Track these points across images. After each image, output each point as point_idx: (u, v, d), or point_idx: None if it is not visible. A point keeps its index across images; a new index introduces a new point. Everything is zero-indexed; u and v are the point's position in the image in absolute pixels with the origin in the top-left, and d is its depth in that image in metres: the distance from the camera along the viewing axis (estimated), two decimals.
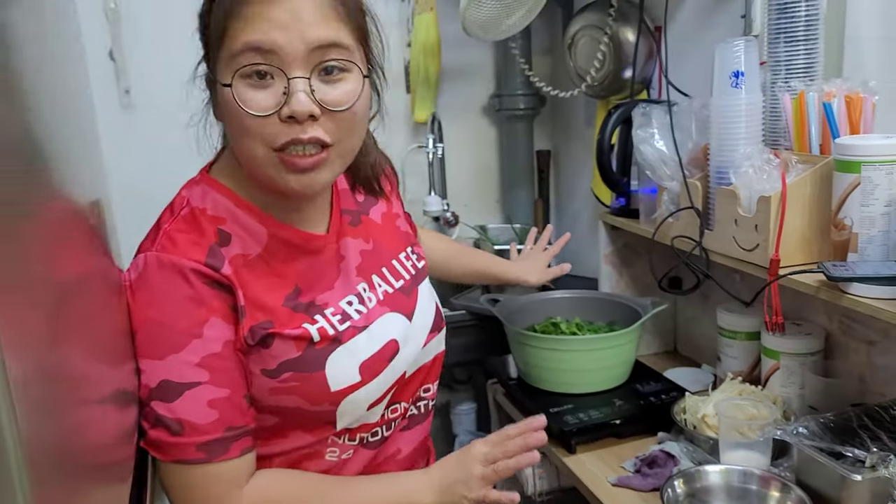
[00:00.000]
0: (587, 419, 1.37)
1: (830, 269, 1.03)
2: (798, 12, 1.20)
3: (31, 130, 0.53)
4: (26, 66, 0.53)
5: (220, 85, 0.82)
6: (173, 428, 0.81)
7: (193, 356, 0.81)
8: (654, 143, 1.38)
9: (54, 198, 0.58)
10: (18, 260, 0.44)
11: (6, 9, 0.51)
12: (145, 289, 0.82)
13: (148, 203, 2.08)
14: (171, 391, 0.81)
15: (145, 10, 1.93)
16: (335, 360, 0.88)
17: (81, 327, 0.58)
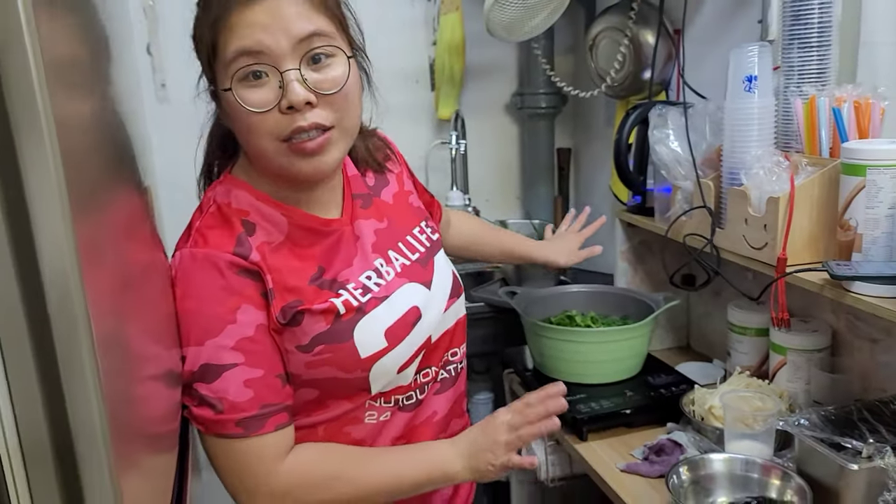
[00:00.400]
0: (599, 408, 1.42)
1: (834, 268, 1.08)
2: (812, 19, 1.23)
3: (115, 124, 0.59)
4: (110, 65, 0.60)
5: (221, 91, 0.89)
6: (216, 406, 0.88)
7: (229, 340, 0.88)
8: (670, 143, 1.43)
9: (128, 188, 0.65)
10: (103, 242, 0.50)
11: (92, 13, 0.57)
12: (182, 282, 0.90)
13: (181, 192, 2.17)
14: (212, 373, 0.88)
15: (180, 6, 2.00)
16: (361, 328, 0.95)
17: (143, 309, 0.65)
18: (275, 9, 0.86)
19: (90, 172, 0.50)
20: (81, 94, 0.53)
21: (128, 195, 0.65)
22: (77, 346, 0.43)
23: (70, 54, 0.51)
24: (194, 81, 2.19)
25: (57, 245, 0.42)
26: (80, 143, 0.50)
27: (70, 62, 0.51)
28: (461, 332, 1.13)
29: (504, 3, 1.71)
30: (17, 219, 0.42)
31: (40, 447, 0.44)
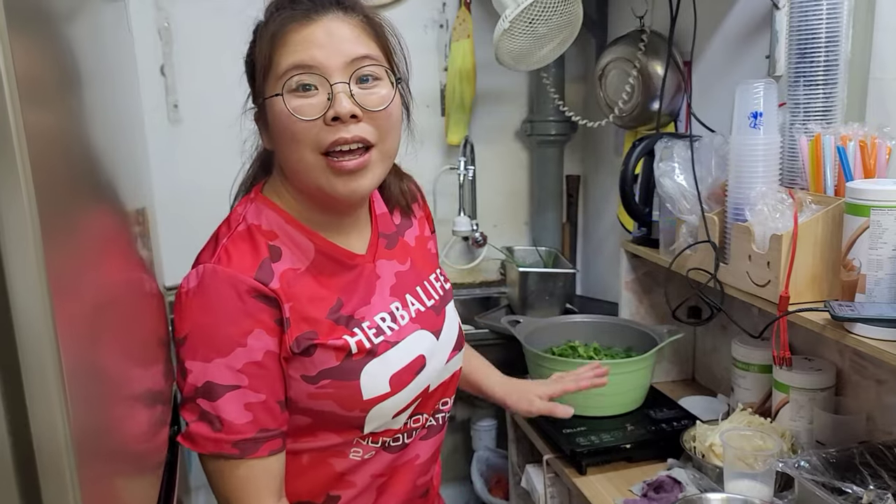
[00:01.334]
0: (599, 442, 1.41)
1: (836, 309, 1.06)
2: (818, 58, 1.23)
3: (87, 142, 0.60)
4: (85, 78, 0.60)
5: (269, 100, 0.91)
6: (215, 424, 0.89)
7: (236, 362, 0.89)
8: (675, 176, 1.43)
9: (103, 207, 0.65)
10: (73, 263, 0.50)
11: (70, 23, 0.58)
12: (201, 296, 0.90)
13: (192, 209, 2.21)
14: (214, 392, 0.88)
15: (194, 29, 2.04)
16: (369, 371, 0.96)
17: (118, 331, 0.65)
18: (331, 29, 0.90)
19: (63, 196, 0.51)
20: (54, 116, 0.54)
21: (106, 218, 0.66)
22: (44, 370, 0.43)
23: (42, 76, 0.51)
24: (207, 102, 2.22)
25: (27, 270, 0.42)
26: (52, 165, 0.50)
27: (42, 83, 0.51)
28: (454, 385, 1.13)
29: (514, 34, 1.72)
30: None
31: (2, 466, 0.44)
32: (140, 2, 1.99)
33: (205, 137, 2.10)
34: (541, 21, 1.72)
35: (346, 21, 0.92)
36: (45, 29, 0.52)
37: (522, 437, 1.70)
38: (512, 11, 1.70)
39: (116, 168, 0.71)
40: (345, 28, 0.91)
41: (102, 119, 0.66)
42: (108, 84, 0.72)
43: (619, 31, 1.98)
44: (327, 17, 0.91)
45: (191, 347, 0.89)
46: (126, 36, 0.88)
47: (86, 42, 0.62)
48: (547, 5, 1.71)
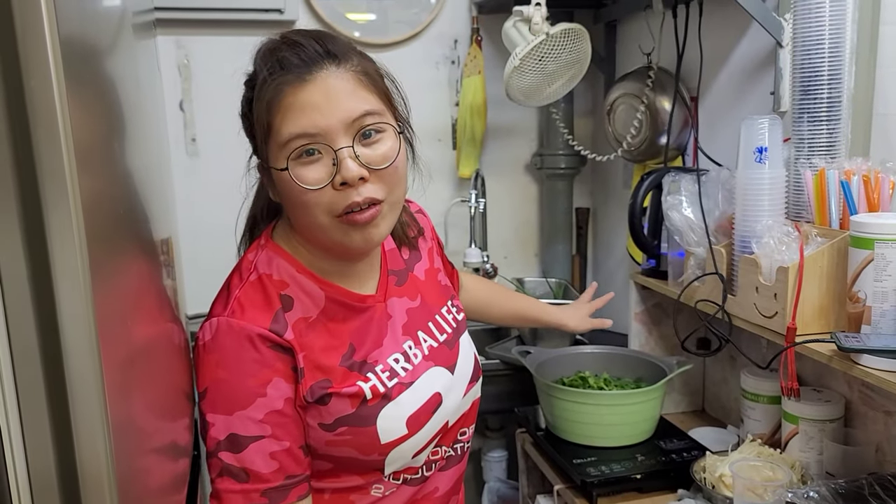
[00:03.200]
0: (609, 472, 1.42)
1: (842, 340, 1.08)
2: (821, 94, 1.26)
3: (135, 183, 0.63)
4: (128, 115, 0.64)
5: (275, 171, 0.92)
6: (240, 476, 0.89)
7: (258, 413, 0.89)
8: (683, 209, 1.45)
9: (140, 245, 0.68)
10: (115, 313, 0.54)
11: (108, 61, 0.62)
12: (217, 351, 0.90)
13: (209, 241, 2.24)
14: (239, 443, 0.88)
15: (212, 66, 2.10)
16: (385, 415, 0.96)
17: (149, 383, 0.68)
18: (327, 88, 0.89)
19: (108, 237, 0.54)
20: (105, 162, 0.57)
21: (142, 256, 0.69)
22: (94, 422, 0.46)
23: (95, 123, 0.55)
24: (223, 137, 2.27)
25: (78, 318, 0.45)
26: (102, 213, 0.54)
27: (95, 130, 0.55)
28: (473, 414, 1.13)
29: (524, 70, 1.76)
30: (42, 296, 0.45)
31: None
32: (161, 39, 2.05)
33: (221, 171, 2.14)
34: (550, 58, 1.77)
35: (340, 76, 0.90)
36: (92, 65, 0.56)
37: (533, 468, 1.71)
38: (522, 49, 1.75)
39: (150, 200, 0.74)
40: (340, 84, 0.90)
41: (139, 153, 0.70)
42: (144, 118, 0.76)
43: (626, 67, 2.03)
44: (321, 75, 0.89)
45: (211, 401, 0.90)
46: (156, 73, 0.92)
47: (125, 77, 0.66)
48: (556, 43, 1.76)
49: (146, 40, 0.94)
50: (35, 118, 0.46)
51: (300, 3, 2.11)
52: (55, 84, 0.46)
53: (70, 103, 0.47)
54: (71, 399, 0.47)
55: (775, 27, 1.45)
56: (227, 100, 2.26)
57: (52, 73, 0.46)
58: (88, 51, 0.56)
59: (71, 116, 0.47)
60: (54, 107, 0.46)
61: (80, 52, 0.53)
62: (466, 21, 2.23)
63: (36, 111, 0.46)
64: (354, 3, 2.17)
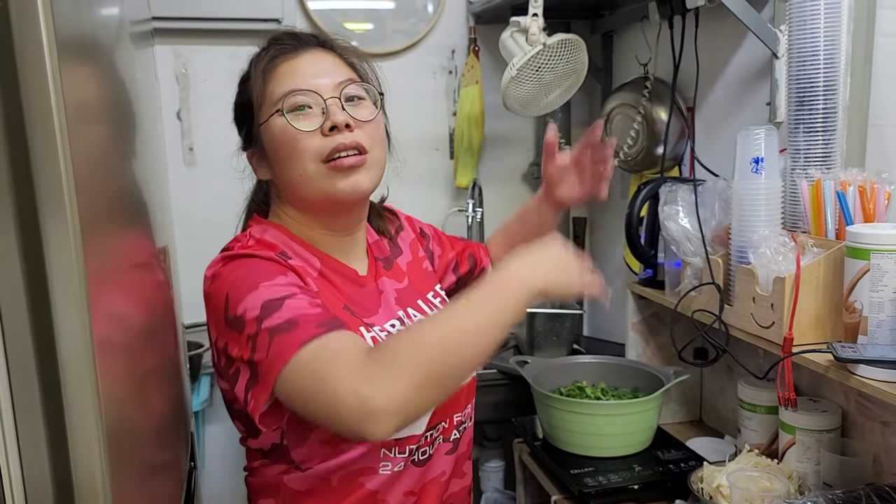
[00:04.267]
0: (606, 483, 1.42)
1: (838, 350, 1.08)
2: (816, 105, 1.27)
3: (123, 176, 0.63)
4: (125, 124, 0.64)
5: (268, 123, 0.99)
6: (288, 328, 0.84)
7: (283, 280, 0.91)
8: (679, 220, 1.46)
9: (135, 242, 0.68)
10: (112, 324, 0.54)
11: (105, 70, 0.62)
12: (230, 264, 0.94)
13: (206, 250, 2.23)
14: (274, 305, 0.87)
15: (210, 75, 2.10)
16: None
17: (145, 396, 0.68)
18: (316, 59, 1.03)
19: (106, 250, 0.54)
20: (102, 172, 0.57)
21: (137, 252, 0.69)
22: (90, 436, 0.46)
23: (93, 132, 0.55)
24: (221, 146, 2.28)
25: (75, 331, 0.45)
26: (99, 223, 0.54)
27: (93, 140, 0.55)
28: (471, 392, 1.16)
29: (521, 81, 1.77)
30: (39, 307, 0.45)
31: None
32: (159, 49, 2.06)
33: (218, 180, 2.14)
34: (547, 69, 1.78)
35: (328, 54, 1.05)
36: (90, 75, 0.57)
37: (530, 478, 1.70)
38: (519, 59, 1.75)
39: (147, 210, 0.75)
40: (327, 60, 1.04)
41: (137, 162, 0.70)
42: (141, 128, 0.76)
43: (623, 77, 2.04)
44: (311, 51, 1.03)
45: (235, 296, 0.89)
46: (153, 82, 0.93)
47: (123, 86, 0.66)
48: (553, 54, 1.77)
49: (144, 49, 0.94)
50: (32, 128, 0.46)
51: (298, 12, 2.12)
52: (53, 94, 0.46)
53: (68, 114, 0.47)
54: (67, 413, 0.47)
55: (771, 38, 1.46)
56: (224, 109, 2.26)
57: (50, 83, 0.46)
58: (86, 60, 0.56)
59: (69, 127, 0.47)
60: (52, 118, 0.46)
61: (78, 61, 0.53)
62: (464, 31, 2.24)
63: (33, 122, 0.46)
64: (352, 13, 2.18)
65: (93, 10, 0.61)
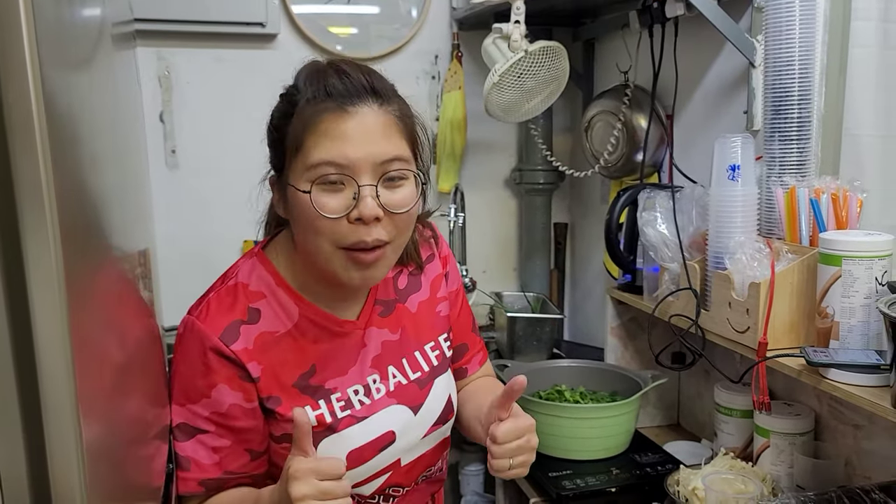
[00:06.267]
0: (584, 486, 1.43)
1: (811, 355, 1.10)
2: (791, 114, 1.29)
3: (102, 183, 0.63)
4: (106, 126, 0.64)
5: (294, 189, 0.92)
6: (183, 465, 0.95)
7: (204, 410, 0.96)
8: (657, 226, 1.48)
9: (114, 251, 0.69)
10: (92, 330, 0.54)
11: (87, 72, 0.62)
12: (180, 346, 0.98)
13: (188, 252, 2.24)
14: (186, 432, 0.96)
15: (193, 78, 2.10)
16: (326, 445, 0.99)
17: (124, 402, 0.68)
18: (365, 123, 0.90)
19: (85, 253, 0.55)
20: (81, 174, 0.58)
21: (117, 262, 0.69)
22: (68, 444, 0.47)
23: (73, 134, 0.56)
24: (203, 149, 2.28)
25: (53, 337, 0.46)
26: (78, 228, 0.54)
27: (72, 141, 0.55)
28: (439, 455, 1.13)
29: (503, 87, 1.78)
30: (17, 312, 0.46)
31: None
32: (142, 51, 2.05)
33: (201, 182, 2.15)
34: (529, 75, 1.79)
35: (379, 115, 0.92)
36: (71, 77, 0.57)
37: (509, 482, 1.71)
38: (501, 66, 1.77)
39: (127, 212, 0.75)
40: (378, 123, 0.91)
41: (117, 164, 0.70)
42: (123, 130, 0.76)
43: (604, 85, 2.06)
44: (362, 110, 0.90)
45: (172, 390, 0.97)
46: (135, 84, 0.93)
47: (104, 88, 0.66)
48: (535, 60, 1.78)
49: (126, 51, 0.94)
50: (12, 131, 0.46)
51: (282, 16, 2.12)
52: (33, 97, 0.46)
53: (48, 115, 0.47)
54: (46, 421, 0.47)
55: (748, 48, 1.48)
56: (208, 112, 2.27)
57: (31, 85, 0.46)
58: (67, 62, 0.57)
59: (49, 129, 0.47)
60: (32, 120, 0.46)
61: (59, 63, 0.53)
62: (447, 37, 2.25)
63: (13, 124, 0.46)
64: (336, 18, 2.18)
65: (74, 11, 0.62)
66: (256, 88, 2.16)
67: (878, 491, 1.16)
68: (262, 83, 2.18)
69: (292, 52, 2.17)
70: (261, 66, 2.15)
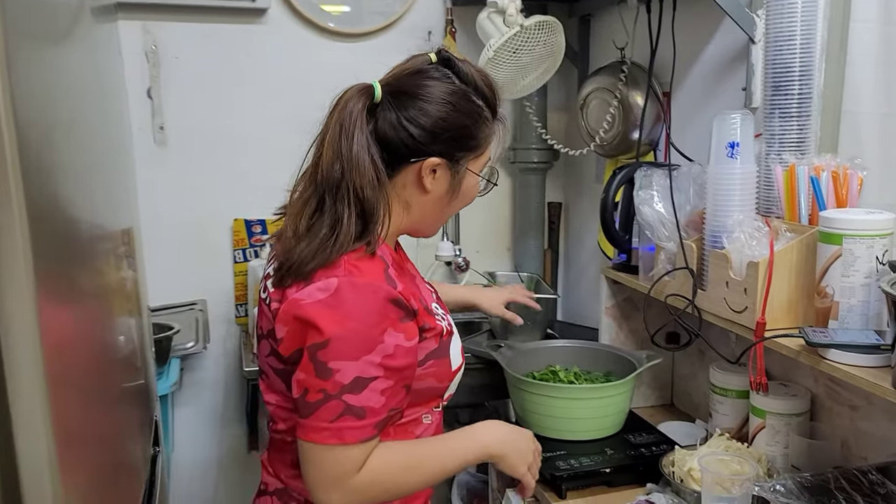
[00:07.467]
0: (579, 466, 1.42)
1: (810, 335, 1.09)
2: (792, 90, 1.27)
3: (92, 166, 0.61)
4: (83, 102, 0.62)
5: (472, 173, 1.12)
6: (360, 414, 1.00)
7: (377, 357, 1.01)
8: (654, 204, 1.46)
9: (97, 232, 0.66)
10: (73, 306, 0.51)
11: (63, 45, 0.59)
12: (343, 305, 1.00)
13: (176, 230, 2.20)
14: (362, 385, 1.00)
15: (182, 53, 2.06)
16: (453, 346, 1.15)
17: (98, 392, 0.66)
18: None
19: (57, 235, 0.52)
20: (54, 152, 0.55)
21: (93, 238, 0.67)
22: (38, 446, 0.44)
23: (46, 110, 0.53)
24: (191, 125, 2.24)
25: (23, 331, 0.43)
26: (45, 189, 0.51)
27: (45, 119, 0.52)
28: None
29: (498, 63, 1.75)
30: None
31: None
32: (128, 25, 2.01)
33: (189, 159, 2.11)
34: (524, 51, 1.76)
35: None
36: (43, 48, 0.54)
37: None
38: (496, 41, 1.73)
39: (106, 191, 0.72)
40: None
41: (96, 141, 0.67)
42: (103, 106, 0.73)
43: (600, 61, 2.03)
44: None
45: (337, 350, 0.99)
46: (117, 58, 0.90)
47: (81, 63, 0.63)
48: (530, 36, 1.75)
49: (106, 24, 0.90)
50: None
51: None
52: (4, 72, 0.44)
53: (16, 93, 0.44)
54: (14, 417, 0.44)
55: (748, 23, 1.45)
56: (197, 87, 2.23)
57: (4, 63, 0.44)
58: (38, 34, 0.53)
59: (16, 107, 0.44)
60: None
61: (29, 35, 0.50)
62: (441, 12, 2.21)
63: None
64: None
65: None
66: (247, 64, 2.12)
67: (874, 472, 1.15)
68: (252, 59, 2.15)
69: (283, 27, 2.13)
70: (251, 41, 2.11)
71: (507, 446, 1.16)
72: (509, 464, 1.16)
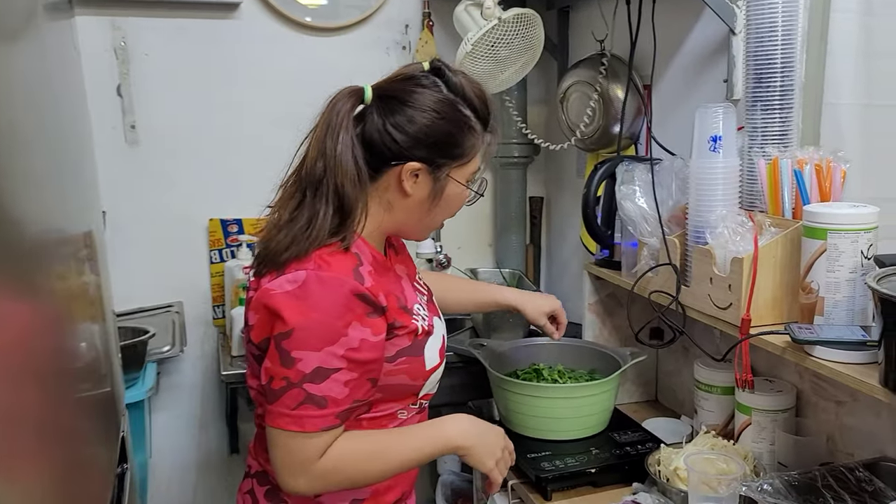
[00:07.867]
0: (563, 467, 1.40)
1: (796, 332, 1.07)
2: (774, 83, 1.25)
3: (42, 169, 0.57)
4: (40, 104, 0.58)
5: (455, 181, 1.12)
6: (321, 403, 1.02)
7: (340, 349, 1.03)
8: (636, 199, 1.43)
9: (53, 237, 0.62)
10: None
11: (11, 47, 0.55)
12: (309, 298, 1.03)
13: (149, 230, 2.15)
14: (323, 375, 1.02)
15: (153, 49, 2.01)
16: (429, 346, 1.16)
17: (60, 389, 0.62)
18: None
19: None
20: None
21: (56, 249, 0.63)
22: None
23: None
24: (164, 123, 2.19)
25: None
26: None
27: None
28: None
29: (476, 56, 1.72)
30: None
31: None
32: (96, 20, 1.95)
33: (162, 158, 2.06)
34: (503, 44, 1.73)
35: None
36: None
37: None
38: (474, 34, 1.70)
39: (58, 190, 0.68)
40: None
41: (48, 137, 0.63)
42: (52, 105, 0.69)
43: (580, 54, 2.00)
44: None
45: (300, 339, 1.02)
46: (72, 55, 0.86)
47: (29, 62, 0.60)
48: (509, 29, 1.72)
49: (61, 21, 0.86)
50: None
51: None
52: None
53: None
54: None
55: (728, 14, 1.43)
56: (169, 84, 2.17)
57: None
58: None
59: None
60: None
61: None
62: (418, 5, 2.17)
63: None
64: None
65: None
66: (220, 61, 2.07)
67: (861, 469, 1.14)
68: (225, 55, 2.10)
69: (256, 22, 2.08)
70: (223, 37, 2.06)
71: (474, 439, 1.15)
72: (475, 457, 1.15)
